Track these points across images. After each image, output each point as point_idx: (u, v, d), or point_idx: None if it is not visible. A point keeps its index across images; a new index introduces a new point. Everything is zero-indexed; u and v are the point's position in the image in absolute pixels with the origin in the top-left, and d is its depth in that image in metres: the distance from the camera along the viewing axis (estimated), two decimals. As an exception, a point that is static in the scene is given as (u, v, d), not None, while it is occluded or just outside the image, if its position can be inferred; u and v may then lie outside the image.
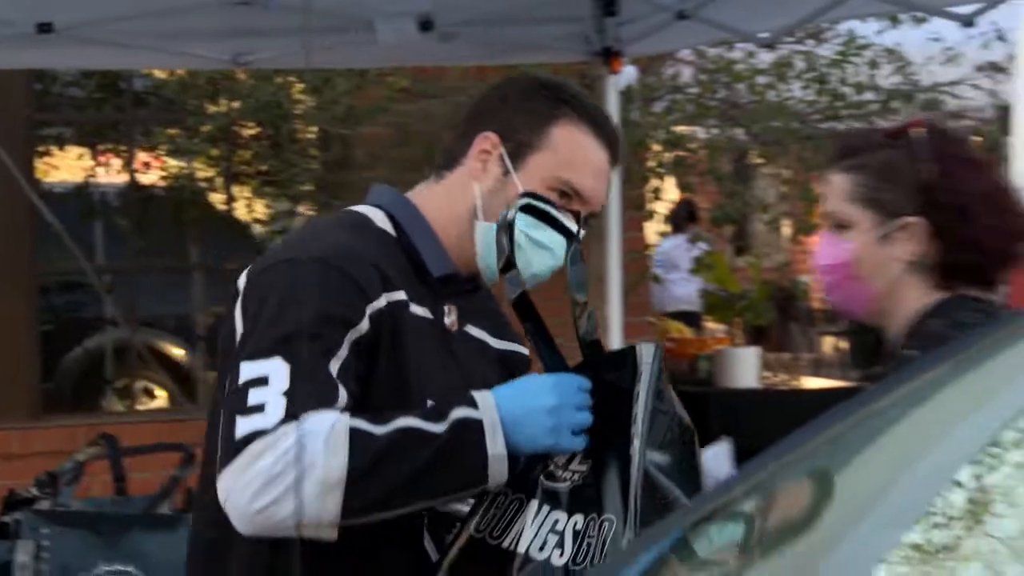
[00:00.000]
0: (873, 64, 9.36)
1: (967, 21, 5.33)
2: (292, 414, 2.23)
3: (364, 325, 2.33)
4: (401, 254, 2.46)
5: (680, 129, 9.53)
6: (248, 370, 2.28)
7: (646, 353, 2.25)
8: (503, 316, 2.63)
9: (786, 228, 13.50)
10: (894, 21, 8.85)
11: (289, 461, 2.20)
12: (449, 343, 2.45)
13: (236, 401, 2.28)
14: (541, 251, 2.40)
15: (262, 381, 2.26)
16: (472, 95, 8.16)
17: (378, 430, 2.22)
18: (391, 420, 2.24)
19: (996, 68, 9.08)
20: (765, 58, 9.32)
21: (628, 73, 5.79)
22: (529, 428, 2.25)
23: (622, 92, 5.87)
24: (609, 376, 2.27)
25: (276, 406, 2.24)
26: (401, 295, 2.39)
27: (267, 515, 2.23)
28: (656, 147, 9.14)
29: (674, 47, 7.84)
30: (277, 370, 2.26)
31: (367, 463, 2.21)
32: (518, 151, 2.45)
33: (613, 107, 5.65)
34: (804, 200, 9.66)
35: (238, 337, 2.35)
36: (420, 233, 2.48)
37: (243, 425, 2.25)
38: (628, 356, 2.26)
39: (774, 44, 8.23)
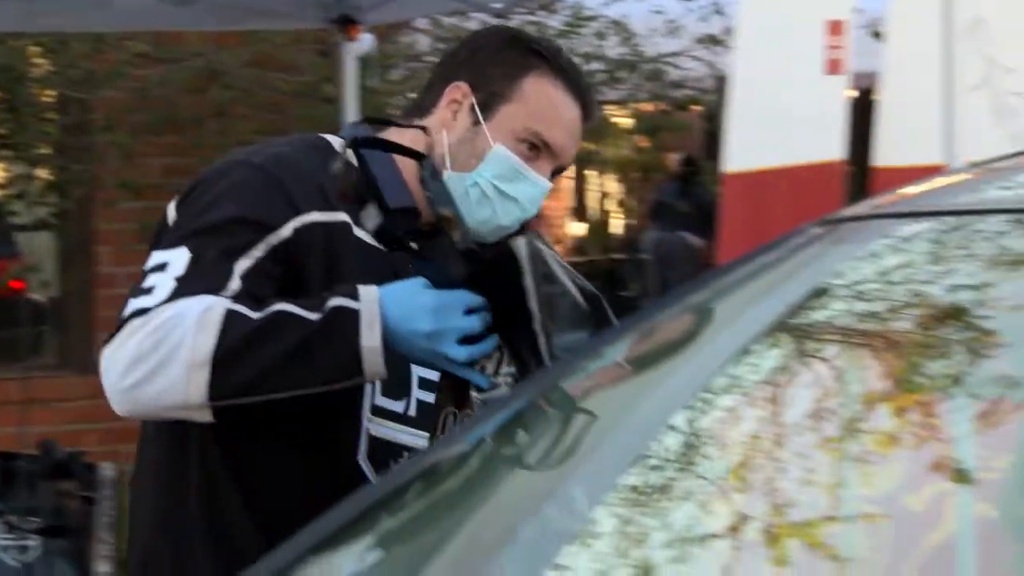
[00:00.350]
0: (600, 35, 9.53)
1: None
2: (176, 296, 2.21)
3: (285, 232, 2.28)
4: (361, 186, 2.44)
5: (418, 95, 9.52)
6: (154, 258, 2.28)
7: (521, 247, 2.24)
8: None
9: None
10: (620, -7, 9.01)
11: (159, 339, 2.17)
12: (401, 277, 2.41)
13: (134, 285, 2.27)
14: (509, 202, 2.38)
15: (161, 267, 2.25)
16: (212, 60, 8.07)
17: (254, 314, 2.20)
18: (270, 305, 2.22)
19: (714, 41, 9.34)
20: (499, 28, 9.38)
21: (365, 41, 5.76)
22: (406, 343, 2.24)
23: (360, 59, 5.84)
24: (498, 280, 2.24)
25: (164, 289, 2.22)
26: (343, 216, 2.33)
27: (136, 393, 2.18)
28: (395, 112, 9.13)
29: (411, 16, 7.84)
30: (178, 258, 2.25)
31: (236, 343, 2.17)
32: (489, 101, 2.40)
33: (351, 74, 5.62)
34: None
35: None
36: (381, 168, 2.44)
37: (130, 305, 2.23)
38: (507, 256, 2.24)
39: (506, 14, 8.29)
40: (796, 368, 1.48)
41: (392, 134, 2.46)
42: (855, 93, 6.14)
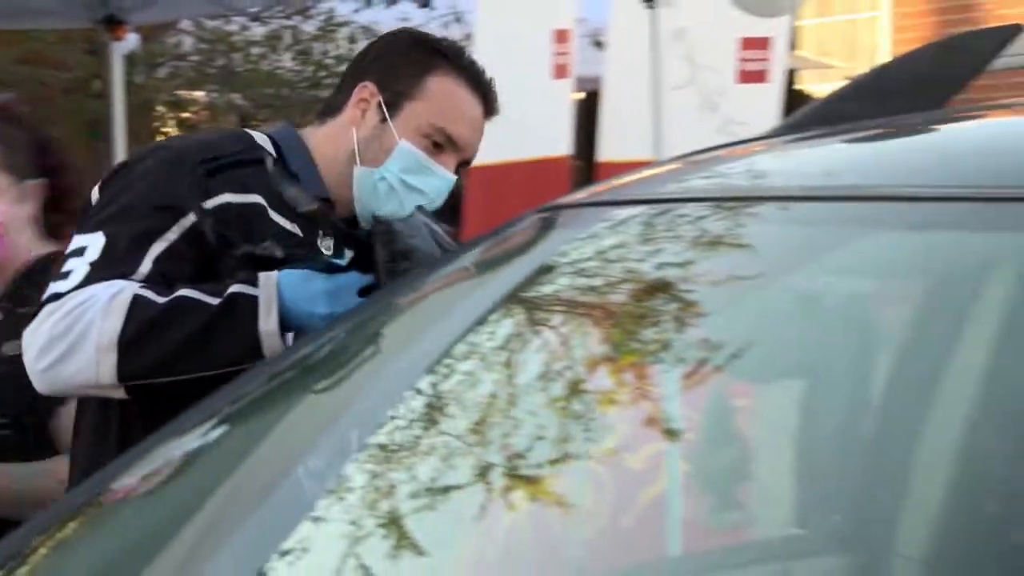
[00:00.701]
0: (352, 39, 9.50)
1: (424, 2, 5.49)
2: (89, 281, 2.13)
3: (196, 216, 2.19)
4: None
5: (183, 93, 9.39)
6: (74, 242, 2.20)
7: (374, 228, 2.20)
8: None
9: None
10: (368, 2, 9.02)
11: (70, 323, 2.10)
12: (312, 256, 2.31)
13: (56, 269, 2.19)
14: (414, 194, 2.31)
15: (79, 252, 2.17)
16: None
17: (160, 299, 2.12)
18: (175, 291, 2.14)
19: (455, 46, 9.42)
20: (258, 31, 9.28)
21: (131, 40, 5.62)
22: (304, 327, 2.17)
23: (126, 57, 5.70)
24: (370, 260, 2.19)
25: (79, 274, 2.14)
26: (257, 198, 2.24)
27: (51, 373, 2.12)
28: (161, 108, 8.96)
29: (174, 17, 7.68)
30: (94, 243, 2.17)
31: (140, 328, 2.10)
32: (395, 100, 2.33)
33: (118, 71, 5.47)
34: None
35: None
36: (296, 159, 2.33)
37: (49, 288, 2.16)
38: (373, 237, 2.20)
39: (264, 18, 8.21)
40: (527, 336, 1.51)
41: (308, 134, 2.41)
42: (581, 95, 6.25)
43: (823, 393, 1.41)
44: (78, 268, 2.17)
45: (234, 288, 2.16)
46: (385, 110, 2.35)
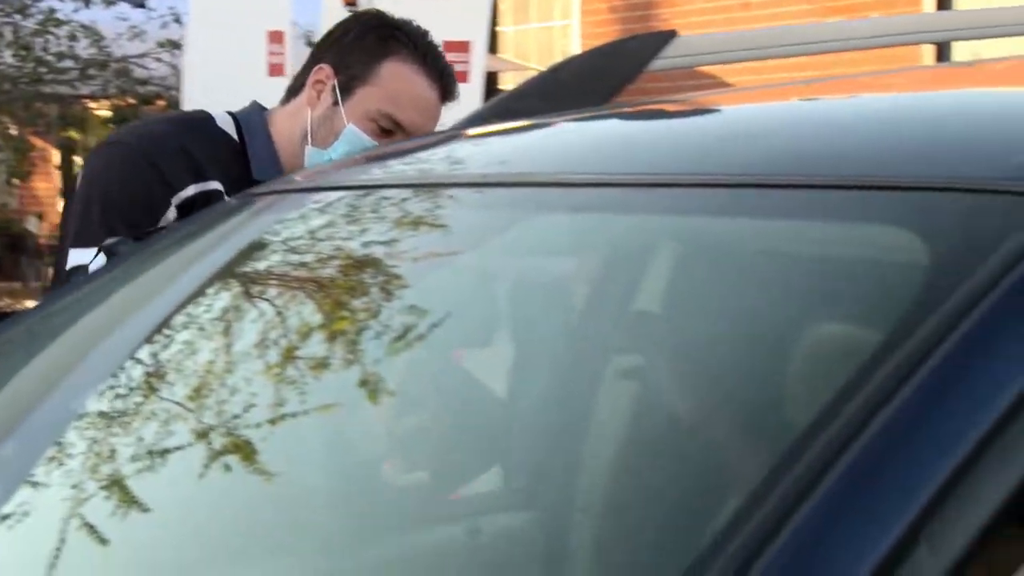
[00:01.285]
0: (72, 37, 9.19)
1: (138, 3, 5.38)
2: None
3: (172, 214, 2.07)
4: (239, 158, 2.20)
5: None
6: (72, 257, 2.08)
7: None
8: None
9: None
10: (87, 3, 8.76)
11: None
12: None
13: (60, 286, 2.07)
14: None
15: (83, 270, 2.02)
16: None
17: None
18: None
19: (175, 45, 9.23)
20: (-23, 27, 8.88)
21: None
22: None
23: None
24: None
25: None
26: (215, 185, 2.12)
27: None
28: None
29: None
30: (96, 261, 1.99)
31: None
32: (348, 83, 2.23)
33: None
34: (18, 151, 9.40)
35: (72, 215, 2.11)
36: (255, 140, 2.21)
37: None
38: None
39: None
40: (240, 307, 1.53)
41: (271, 113, 2.33)
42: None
43: (507, 358, 1.47)
44: None
45: None
46: (338, 93, 2.29)
